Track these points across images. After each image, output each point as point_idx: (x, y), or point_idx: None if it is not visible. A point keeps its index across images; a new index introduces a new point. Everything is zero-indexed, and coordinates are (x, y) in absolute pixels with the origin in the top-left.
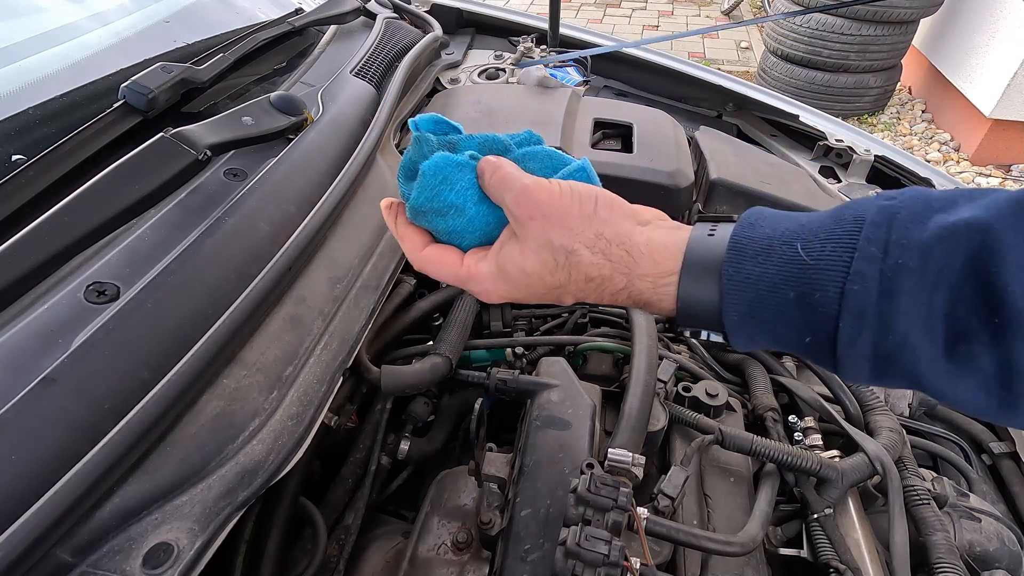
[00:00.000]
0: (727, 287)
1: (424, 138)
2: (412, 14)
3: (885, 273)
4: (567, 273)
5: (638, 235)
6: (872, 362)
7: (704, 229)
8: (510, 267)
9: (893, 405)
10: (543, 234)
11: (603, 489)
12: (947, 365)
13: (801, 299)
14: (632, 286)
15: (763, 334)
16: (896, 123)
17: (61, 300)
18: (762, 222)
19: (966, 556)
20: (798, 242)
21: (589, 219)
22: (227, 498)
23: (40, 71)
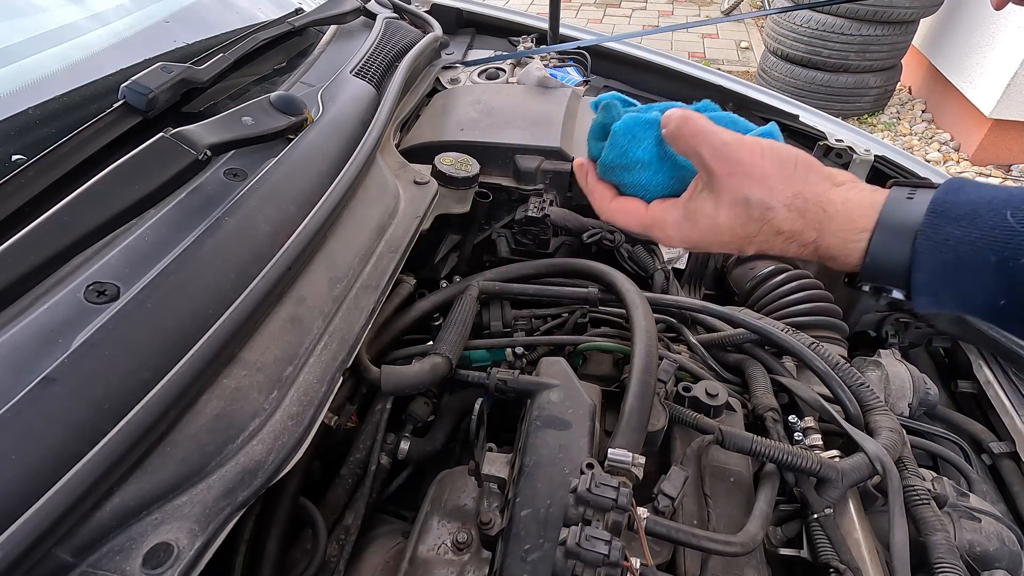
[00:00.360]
0: (922, 247)
1: (612, 104)
2: (412, 14)
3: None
4: (758, 227)
5: (834, 194)
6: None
7: (903, 192)
8: (700, 217)
9: (893, 405)
10: (740, 190)
11: (603, 489)
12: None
13: (1003, 264)
14: (821, 240)
15: (951, 295)
16: (896, 123)
17: (61, 300)
18: (967, 189)
19: (966, 556)
20: (1008, 209)
21: (789, 178)
22: (227, 498)
23: (40, 71)
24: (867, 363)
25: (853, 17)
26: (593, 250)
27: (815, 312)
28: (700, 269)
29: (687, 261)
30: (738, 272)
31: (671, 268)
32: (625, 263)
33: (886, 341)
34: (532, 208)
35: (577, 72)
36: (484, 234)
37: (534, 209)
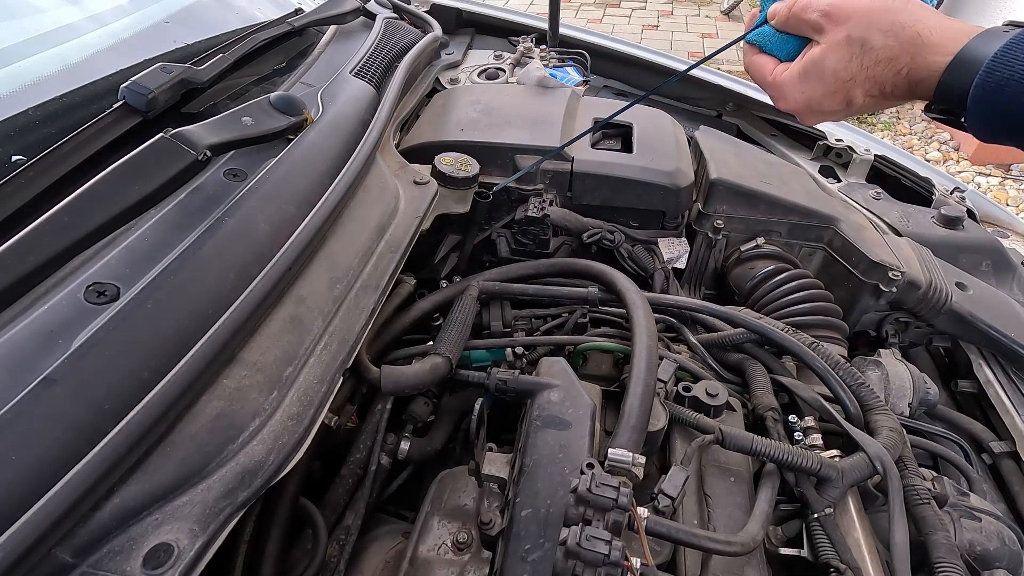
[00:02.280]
0: (988, 64)
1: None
2: (412, 14)
3: None
4: (859, 62)
5: (932, 19)
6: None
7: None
8: (811, 67)
9: (893, 405)
10: (842, 31)
11: (603, 489)
12: None
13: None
14: (913, 64)
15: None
16: (896, 122)
17: (61, 300)
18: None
19: (966, 555)
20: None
21: (889, 8)
22: (227, 498)
23: (40, 72)
24: (867, 363)
25: None
26: (593, 250)
27: (815, 312)
28: (700, 269)
29: (687, 261)
30: (738, 272)
31: (671, 268)
32: (625, 263)
33: (886, 341)
34: (532, 208)
35: (577, 72)
36: (484, 234)
37: (534, 209)
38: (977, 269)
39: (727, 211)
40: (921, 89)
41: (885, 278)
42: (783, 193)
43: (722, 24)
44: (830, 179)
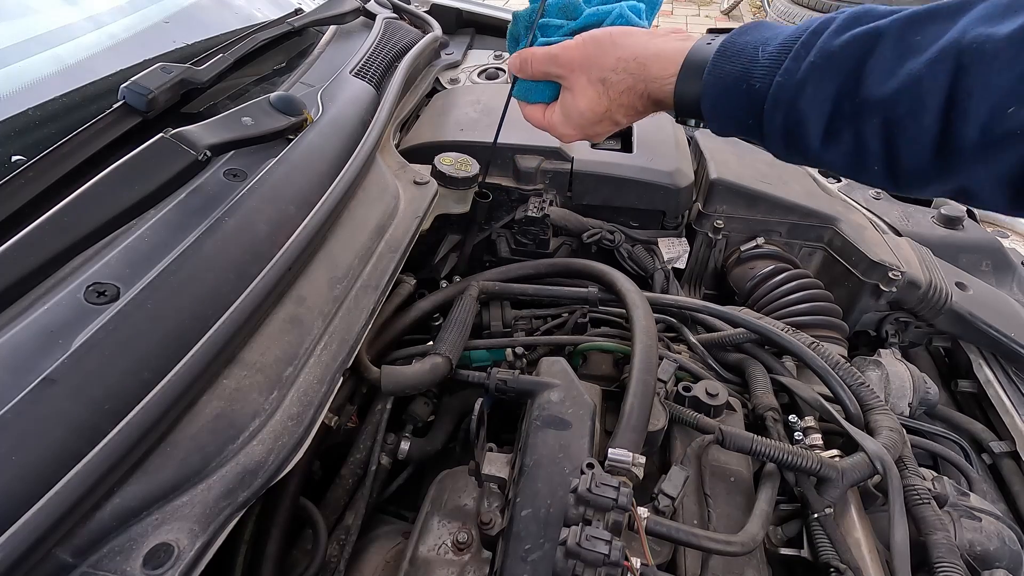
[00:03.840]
0: (706, 80)
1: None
2: (412, 14)
3: (802, 69)
4: (608, 97)
5: (650, 47)
6: (784, 136)
7: (706, 39)
8: (570, 111)
9: (893, 405)
10: (581, 78)
11: (603, 489)
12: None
13: (749, 90)
14: (648, 88)
15: (726, 118)
16: None
17: (61, 300)
18: (750, 31)
19: (966, 555)
20: (761, 47)
21: (607, 51)
22: (227, 498)
23: (40, 72)
24: (867, 363)
25: None
26: (593, 250)
27: (815, 312)
28: (700, 269)
29: (687, 261)
30: (738, 272)
31: (671, 268)
32: (625, 263)
33: (886, 341)
34: (532, 208)
35: None
36: (484, 234)
37: (534, 209)
38: (977, 269)
39: (727, 211)
40: (664, 104)
41: (885, 278)
42: (783, 193)
43: (722, 24)
44: (830, 179)
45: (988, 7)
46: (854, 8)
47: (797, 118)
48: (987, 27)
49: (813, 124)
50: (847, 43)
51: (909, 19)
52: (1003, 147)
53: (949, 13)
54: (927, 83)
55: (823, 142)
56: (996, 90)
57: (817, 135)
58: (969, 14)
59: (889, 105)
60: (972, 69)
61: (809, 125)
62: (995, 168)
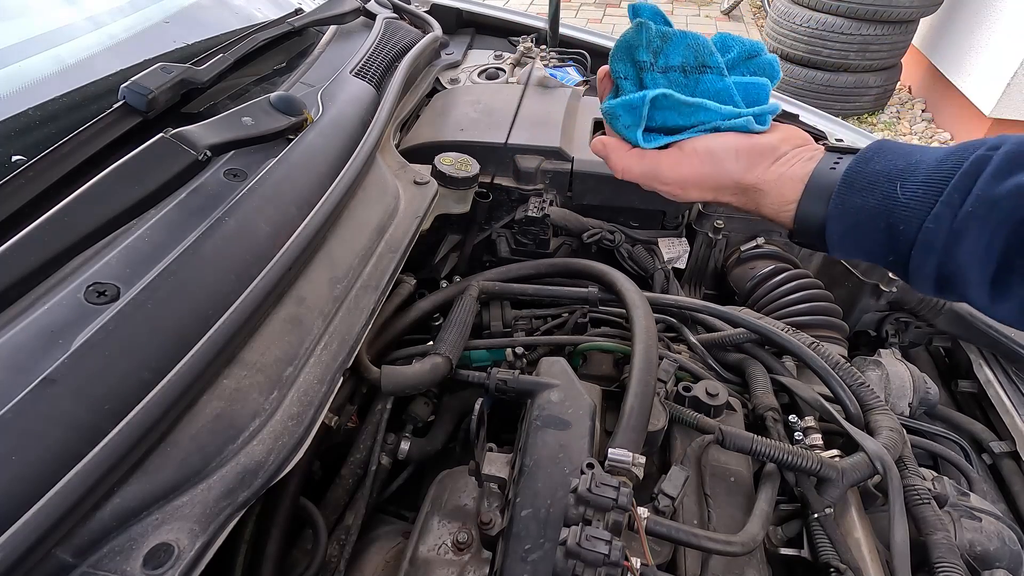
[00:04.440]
0: (832, 212)
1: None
2: (412, 14)
3: (959, 217)
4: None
5: (771, 174)
6: (935, 281)
7: (829, 162)
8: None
9: (893, 405)
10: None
11: (603, 489)
12: (991, 290)
13: (890, 228)
14: (761, 210)
15: (857, 250)
16: (896, 122)
17: (61, 300)
18: (878, 157)
19: (967, 555)
20: (899, 181)
21: (726, 172)
22: (227, 498)
23: (40, 72)
24: (867, 363)
25: (853, 17)
26: (593, 250)
27: (815, 312)
28: (700, 269)
29: (687, 261)
30: (738, 272)
31: (671, 268)
32: (625, 263)
33: (886, 341)
34: (532, 208)
35: (577, 72)
36: (484, 234)
37: (534, 209)
38: None
39: (727, 211)
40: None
41: (885, 278)
42: None
43: (723, 24)
44: None
45: None
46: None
47: (955, 268)
48: None
49: (975, 275)
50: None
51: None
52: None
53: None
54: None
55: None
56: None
57: (982, 286)
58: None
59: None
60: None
61: (971, 275)
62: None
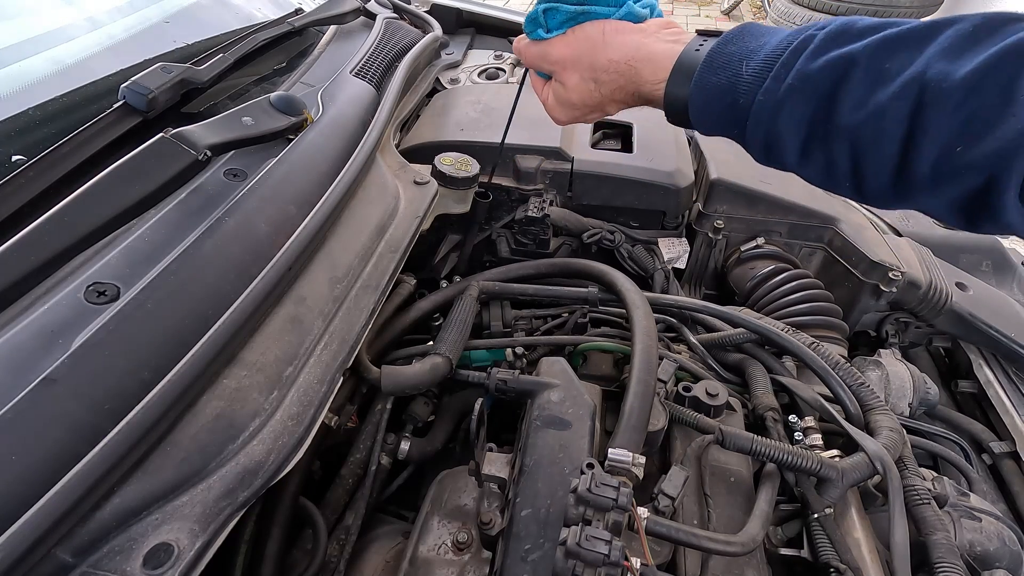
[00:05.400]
0: (692, 91)
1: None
2: (412, 14)
3: (781, 90)
4: (599, 92)
5: (642, 50)
6: (763, 149)
7: (695, 44)
8: (563, 100)
9: (893, 405)
10: (573, 74)
11: (603, 489)
12: (800, 157)
13: (733, 102)
14: (639, 88)
15: (712, 124)
16: None
17: (61, 300)
18: (736, 40)
19: (966, 555)
20: (745, 60)
21: (599, 51)
22: (227, 498)
23: (40, 72)
24: (867, 363)
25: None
26: (593, 250)
27: (815, 312)
28: (700, 269)
29: (687, 261)
30: (738, 272)
31: (671, 268)
32: (625, 263)
33: (886, 341)
34: (532, 208)
35: None
36: (484, 234)
37: (534, 209)
38: (977, 269)
39: (727, 211)
40: (654, 104)
41: (885, 278)
42: (783, 193)
43: (723, 24)
44: None
45: (953, 36)
46: (835, 24)
47: (776, 136)
48: (948, 63)
49: (790, 143)
50: (823, 68)
51: (881, 43)
52: (950, 182)
53: (919, 39)
54: (890, 116)
55: (799, 159)
56: (947, 130)
57: (794, 153)
58: (936, 41)
59: (857, 133)
60: (929, 108)
61: (786, 143)
62: (945, 198)
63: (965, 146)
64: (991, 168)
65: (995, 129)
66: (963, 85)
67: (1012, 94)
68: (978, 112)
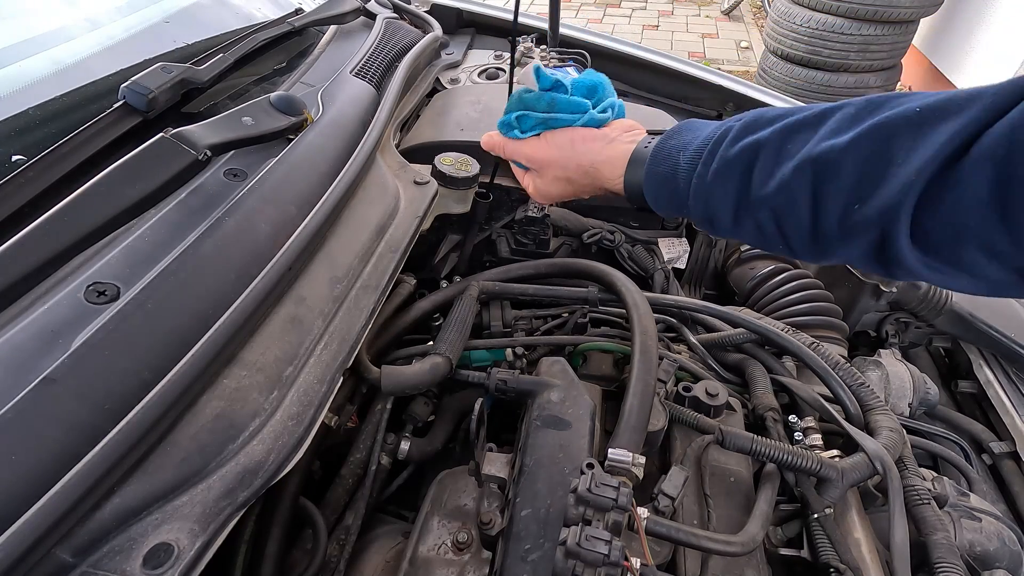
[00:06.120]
0: (645, 181)
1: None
2: (412, 14)
3: (709, 175)
4: (572, 187)
5: (603, 155)
6: (705, 222)
7: (644, 142)
8: (543, 190)
9: (893, 405)
10: (549, 172)
11: (603, 489)
12: (733, 225)
13: (675, 188)
14: (603, 184)
15: (664, 207)
16: None
17: (61, 300)
18: (676, 135)
19: (966, 556)
20: (681, 152)
21: (569, 157)
22: (227, 498)
23: (40, 71)
24: (867, 363)
25: (853, 17)
26: (593, 250)
27: (815, 312)
28: (700, 269)
29: (687, 261)
30: (738, 272)
31: (671, 268)
32: (625, 263)
33: (886, 341)
34: (532, 208)
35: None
36: (484, 234)
37: (534, 209)
38: None
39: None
40: (617, 193)
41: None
42: None
43: (722, 24)
44: None
45: (840, 118)
46: (749, 116)
47: (712, 210)
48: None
49: (723, 215)
50: (738, 153)
51: (784, 129)
52: (855, 236)
53: (813, 123)
54: (795, 186)
55: (733, 227)
56: (844, 192)
57: (728, 221)
58: (826, 124)
59: (774, 202)
60: (824, 175)
61: (721, 216)
62: (857, 251)
63: (860, 203)
64: (883, 223)
65: (880, 187)
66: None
67: (890, 155)
68: (865, 174)
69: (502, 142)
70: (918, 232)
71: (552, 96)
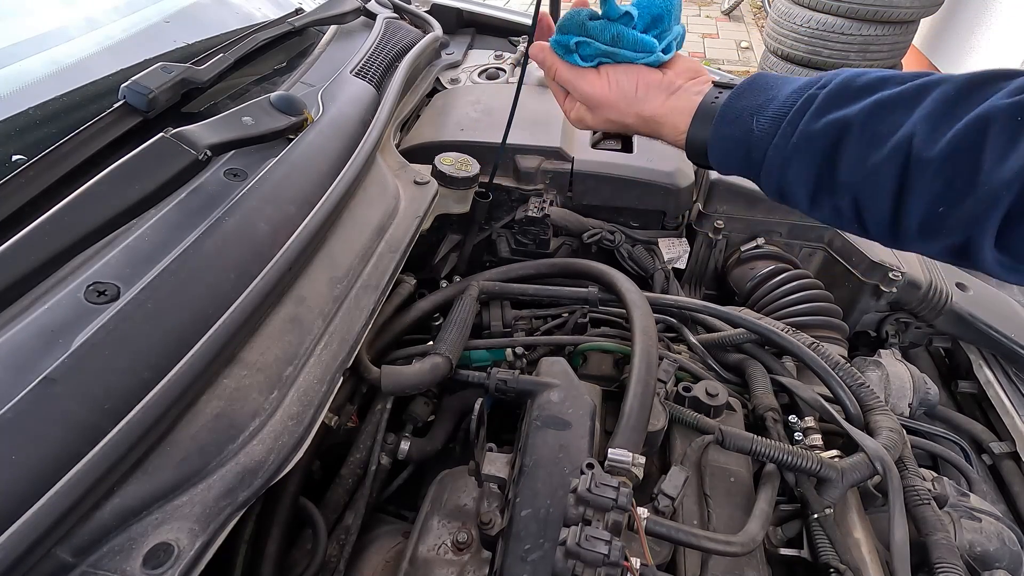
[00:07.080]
0: (711, 141)
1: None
2: (412, 14)
3: (788, 148)
4: (626, 130)
5: (667, 106)
6: (777, 194)
7: (711, 96)
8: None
9: (893, 405)
10: (602, 113)
11: (603, 489)
12: (810, 204)
13: (748, 154)
14: (661, 135)
15: (731, 170)
16: None
17: (61, 300)
18: (746, 93)
19: (966, 556)
20: (755, 116)
21: (631, 102)
22: (227, 498)
23: (40, 71)
24: (867, 363)
25: (853, 17)
26: (593, 250)
27: (815, 312)
28: (700, 269)
29: (687, 261)
30: (738, 272)
31: (671, 268)
32: (625, 263)
33: (886, 341)
34: (532, 208)
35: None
36: (484, 234)
37: (534, 209)
38: None
39: (727, 211)
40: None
41: (885, 278)
42: None
43: (723, 24)
44: None
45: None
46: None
47: (787, 185)
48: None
49: (800, 193)
50: (823, 129)
51: (876, 106)
52: (936, 237)
53: (908, 102)
54: (883, 177)
55: (810, 206)
56: (929, 193)
57: (805, 200)
58: (922, 105)
59: (856, 188)
60: (914, 170)
61: (797, 193)
62: (935, 248)
63: (946, 208)
64: (967, 230)
65: (967, 196)
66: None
67: (979, 164)
68: (953, 181)
69: (555, 62)
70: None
71: (619, 30)
